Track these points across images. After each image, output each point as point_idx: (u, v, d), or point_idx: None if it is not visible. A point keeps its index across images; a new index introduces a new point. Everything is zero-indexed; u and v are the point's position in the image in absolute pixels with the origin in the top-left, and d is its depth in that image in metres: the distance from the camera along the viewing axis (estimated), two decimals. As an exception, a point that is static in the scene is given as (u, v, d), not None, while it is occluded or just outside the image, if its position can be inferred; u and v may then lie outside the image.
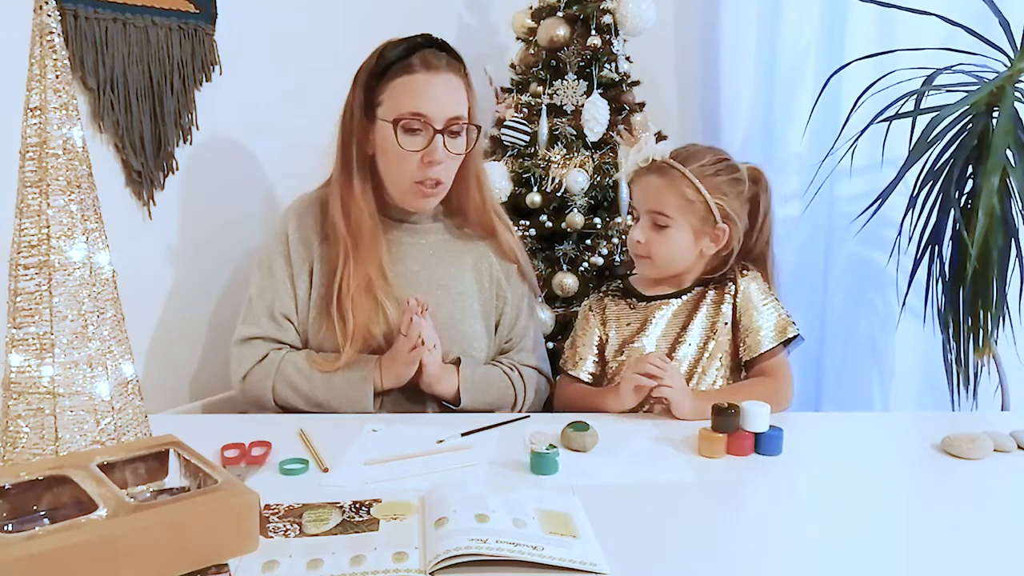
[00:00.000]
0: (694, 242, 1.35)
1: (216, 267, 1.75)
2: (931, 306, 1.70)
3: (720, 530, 0.90)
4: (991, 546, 0.88)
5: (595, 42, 1.90)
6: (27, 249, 0.88)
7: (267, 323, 1.38)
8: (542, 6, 1.97)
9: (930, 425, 1.26)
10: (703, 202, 1.32)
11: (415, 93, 1.30)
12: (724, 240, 1.35)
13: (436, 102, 1.31)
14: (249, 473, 1.04)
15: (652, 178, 1.34)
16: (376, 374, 1.32)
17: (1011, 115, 1.51)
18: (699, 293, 1.39)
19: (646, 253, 1.36)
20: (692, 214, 1.33)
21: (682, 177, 1.32)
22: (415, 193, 1.36)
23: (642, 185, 1.36)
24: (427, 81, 1.31)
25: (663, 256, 1.35)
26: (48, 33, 0.86)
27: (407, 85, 1.31)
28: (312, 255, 1.39)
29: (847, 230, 1.87)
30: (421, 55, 1.32)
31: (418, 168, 1.33)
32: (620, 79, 1.95)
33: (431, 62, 1.31)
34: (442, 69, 1.32)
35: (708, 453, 1.11)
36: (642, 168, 1.35)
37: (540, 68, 1.95)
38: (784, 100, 2.01)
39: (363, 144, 1.36)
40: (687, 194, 1.32)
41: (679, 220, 1.33)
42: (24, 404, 0.88)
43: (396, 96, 1.32)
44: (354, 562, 0.80)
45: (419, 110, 1.30)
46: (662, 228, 1.33)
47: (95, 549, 0.67)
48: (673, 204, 1.32)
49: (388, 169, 1.36)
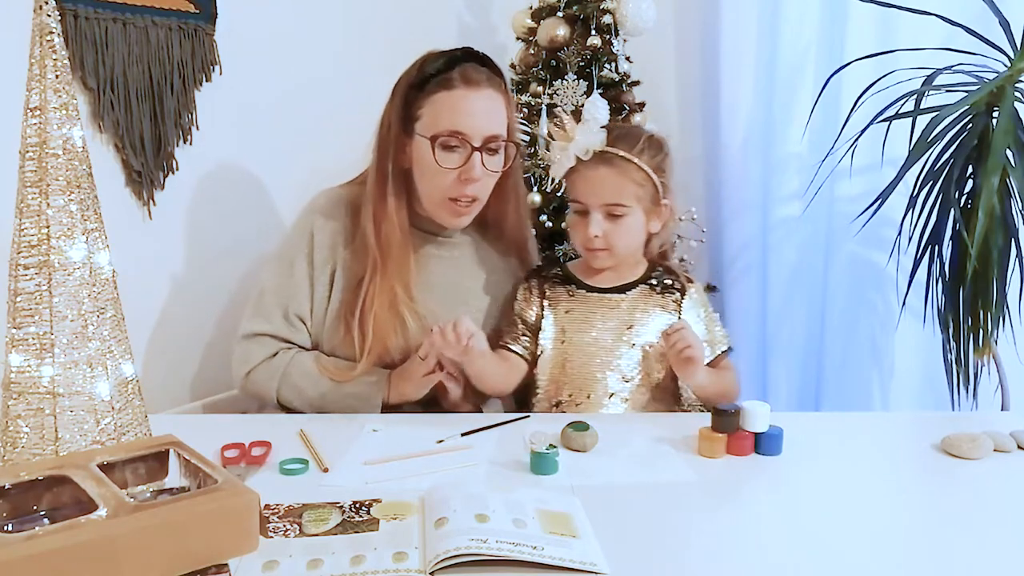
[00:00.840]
0: (645, 223, 1.35)
1: (216, 267, 1.75)
2: (931, 306, 1.70)
3: (720, 530, 0.90)
4: (991, 546, 0.88)
5: (595, 42, 1.90)
6: (27, 249, 0.88)
7: (280, 321, 1.35)
8: (542, 6, 1.97)
9: (930, 425, 1.26)
10: (652, 184, 1.32)
11: (454, 110, 1.29)
12: (667, 216, 1.37)
13: (475, 119, 1.29)
14: (249, 473, 1.04)
15: (600, 170, 1.31)
16: (385, 391, 1.31)
17: (1011, 115, 1.51)
18: (643, 292, 1.38)
19: (605, 246, 1.33)
20: (644, 196, 1.32)
21: (630, 164, 1.30)
22: (449, 210, 1.34)
23: (589, 179, 1.32)
24: (466, 97, 1.29)
25: (622, 244, 1.34)
26: (48, 33, 0.86)
27: (446, 101, 1.29)
28: (336, 258, 1.36)
29: (847, 230, 1.87)
30: (461, 70, 1.30)
31: (454, 185, 1.31)
32: (620, 79, 1.95)
33: (471, 77, 1.29)
34: (482, 85, 1.30)
35: (708, 453, 1.11)
36: (582, 161, 1.32)
37: (540, 68, 1.95)
38: (784, 100, 2.01)
39: (399, 157, 1.34)
40: (637, 179, 1.31)
41: (635, 206, 1.32)
42: (24, 404, 0.88)
43: (435, 112, 1.30)
44: (354, 562, 0.80)
45: (458, 128, 1.28)
46: (617, 218, 1.31)
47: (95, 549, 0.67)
48: (630, 192, 1.31)
49: (423, 184, 1.34)
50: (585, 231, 1.33)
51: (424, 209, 1.37)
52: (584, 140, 1.31)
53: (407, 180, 1.36)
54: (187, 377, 1.71)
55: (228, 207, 1.76)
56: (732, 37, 2.07)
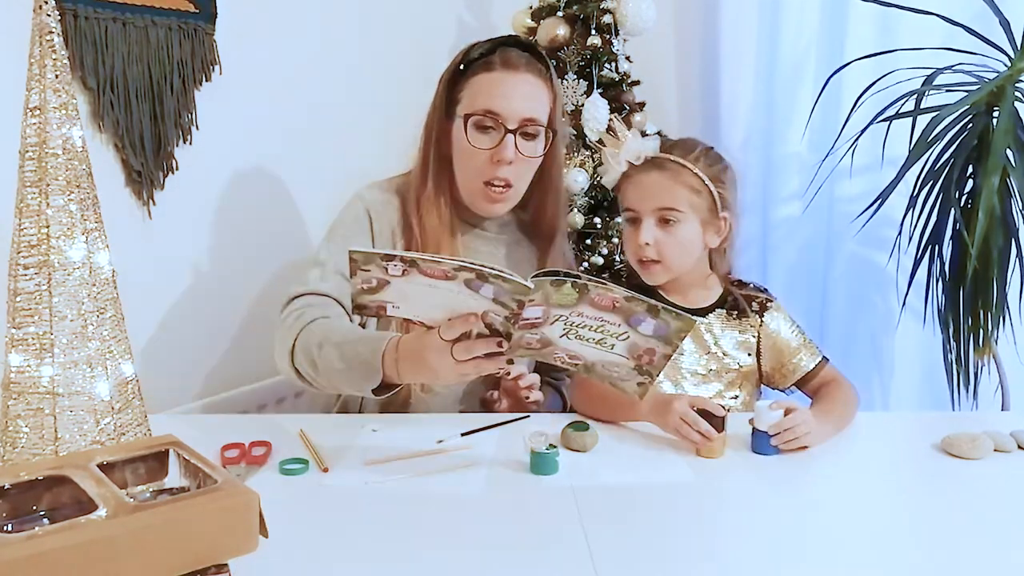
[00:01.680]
0: (702, 236, 1.30)
1: (216, 267, 1.75)
2: (931, 306, 1.70)
3: (720, 530, 0.90)
4: (991, 546, 0.88)
5: (595, 42, 1.89)
6: (27, 249, 0.87)
7: (337, 283, 1.28)
8: (542, 6, 1.97)
9: (930, 425, 1.26)
10: (708, 192, 1.28)
11: (490, 90, 1.28)
12: (726, 231, 1.31)
13: (510, 101, 1.28)
14: (249, 473, 1.04)
15: (652, 175, 1.27)
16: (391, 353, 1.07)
17: (1011, 115, 1.52)
18: (720, 318, 1.34)
19: (656, 256, 1.28)
20: (700, 205, 1.28)
21: (684, 169, 1.27)
22: (483, 195, 1.33)
23: (640, 184, 1.29)
24: (503, 79, 1.28)
25: (675, 256, 1.29)
26: (48, 33, 0.86)
27: (484, 82, 1.29)
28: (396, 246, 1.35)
29: (847, 230, 1.87)
30: (502, 53, 1.30)
31: (487, 167, 1.29)
32: (620, 79, 1.95)
33: (511, 60, 1.29)
34: (521, 68, 1.29)
35: (707, 454, 1.11)
36: (635, 166, 1.29)
37: (540, 68, 1.95)
38: (784, 100, 2.01)
39: (442, 143, 1.34)
40: (692, 184, 1.27)
41: (689, 214, 1.27)
42: (24, 404, 0.88)
43: (473, 93, 1.30)
44: None
45: (492, 107, 1.28)
46: (670, 226, 1.27)
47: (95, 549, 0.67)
48: (683, 197, 1.27)
49: (459, 167, 1.34)
50: (636, 240, 1.29)
51: (463, 198, 1.36)
52: (636, 145, 1.29)
53: (449, 168, 1.35)
54: (187, 377, 1.71)
55: (228, 207, 1.76)
56: (732, 37, 2.07)
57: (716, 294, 1.36)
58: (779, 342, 1.34)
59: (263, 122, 1.79)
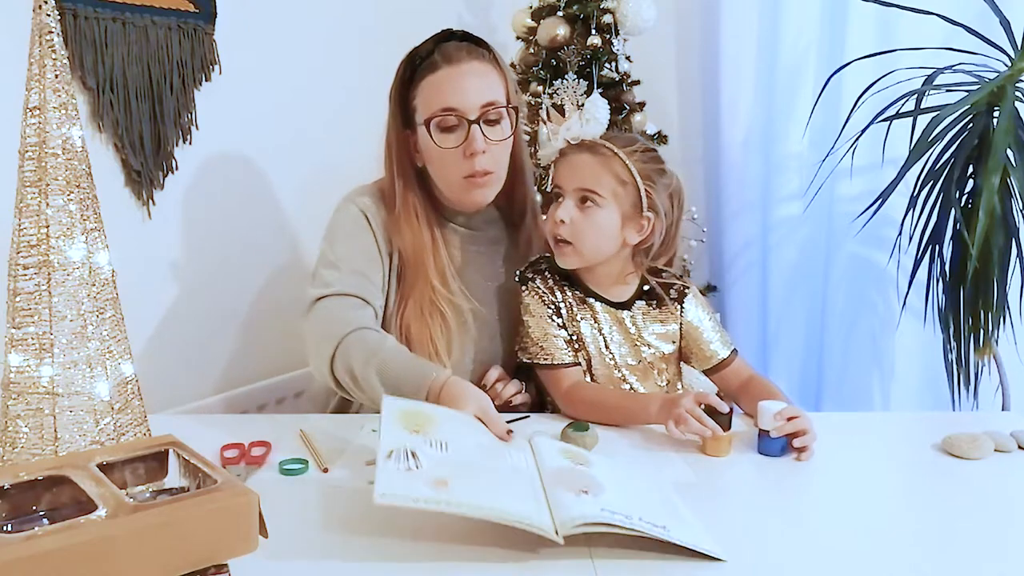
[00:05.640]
0: (620, 228, 1.29)
1: (216, 267, 1.75)
2: (931, 306, 1.70)
3: (720, 530, 0.90)
4: (991, 546, 0.88)
5: (595, 42, 1.90)
6: (26, 249, 0.87)
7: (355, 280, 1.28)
8: (542, 6, 1.97)
9: (930, 425, 1.26)
10: (635, 186, 1.26)
11: (442, 89, 1.28)
12: (647, 231, 1.29)
13: (464, 93, 1.28)
14: (249, 473, 1.04)
15: (584, 156, 1.27)
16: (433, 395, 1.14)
17: (1011, 115, 1.52)
18: (642, 310, 1.34)
19: (569, 237, 1.27)
20: (624, 196, 1.27)
21: (615, 157, 1.26)
22: (467, 188, 1.32)
23: (570, 163, 1.29)
24: (450, 75, 1.28)
25: (587, 240, 1.27)
26: (47, 33, 0.86)
27: (433, 83, 1.29)
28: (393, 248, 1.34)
29: (847, 230, 1.87)
30: (442, 51, 1.30)
31: (463, 164, 1.29)
32: (620, 79, 1.95)
33: (452, 55, 1.29)
34: (464, 59, 1.29)
35: (714, 452, 1.11)
36: (571, 146, 1.30)
37: (540, 68, 1.95)
38: (784, 100, 2.01)
39: (411, 157, 1.34)
40: (620, 174, 1.26)
41: (610, 201, 1.26)
42: (23, 404, 0.88)
43: (426, 97, 1.30)
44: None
45: (448, 104, 1.27)
46: (588, 209, 1.26)
47: (95, 549, 0.66)
48: (606, 183, 1.26)
49: (436, 173, 1.33)
50: (554, 216, 1.29)
51: (448, 200, 1.36)
52: (576, 127, 1.30)
53: (420, 181, 1.35)
54: (187, 377, 1.71)
55: (228, 207, 1.76)
56: (732, 37, 2.07)
57: (635, 287, 1.36)
58: (697, 328, 1.35)
59: (263, 122, 1.79)
